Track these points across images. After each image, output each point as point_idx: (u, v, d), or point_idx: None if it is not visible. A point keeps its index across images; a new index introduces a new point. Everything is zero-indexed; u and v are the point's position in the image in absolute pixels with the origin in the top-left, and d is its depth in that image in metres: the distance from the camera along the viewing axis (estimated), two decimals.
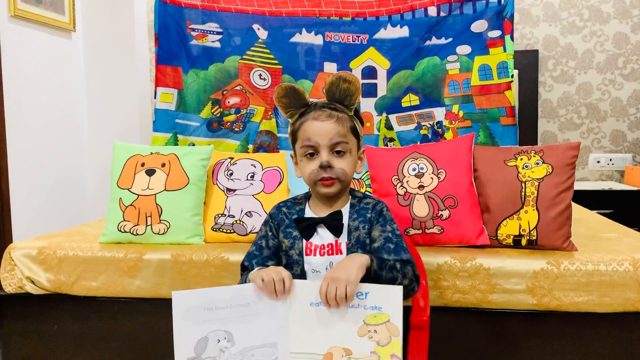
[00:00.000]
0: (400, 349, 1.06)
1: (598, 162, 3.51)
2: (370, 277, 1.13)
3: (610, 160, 3.49)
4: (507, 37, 2.19)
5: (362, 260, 1.13)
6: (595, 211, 2.51)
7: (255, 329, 1.09)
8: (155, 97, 2.36)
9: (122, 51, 3.17)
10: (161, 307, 1.77)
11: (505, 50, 2.19)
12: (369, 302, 1.06)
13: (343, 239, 1.25)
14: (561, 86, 3.51)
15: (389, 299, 1.07)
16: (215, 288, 1.11)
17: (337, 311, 1.08)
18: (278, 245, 1.30)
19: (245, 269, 1.29)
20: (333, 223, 1.25)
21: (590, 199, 2.99)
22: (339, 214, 1.26)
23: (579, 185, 3.12)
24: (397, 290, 1.07)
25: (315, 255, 1.25)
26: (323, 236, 1.26)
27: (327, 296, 1.06)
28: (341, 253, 1.24)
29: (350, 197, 1.31)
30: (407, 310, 1.25)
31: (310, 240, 1.26)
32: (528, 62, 3.45)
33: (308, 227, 1.26)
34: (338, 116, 1.24)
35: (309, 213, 1.30)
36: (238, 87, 2.39)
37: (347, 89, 1.24)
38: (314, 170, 1.22)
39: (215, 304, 1.08)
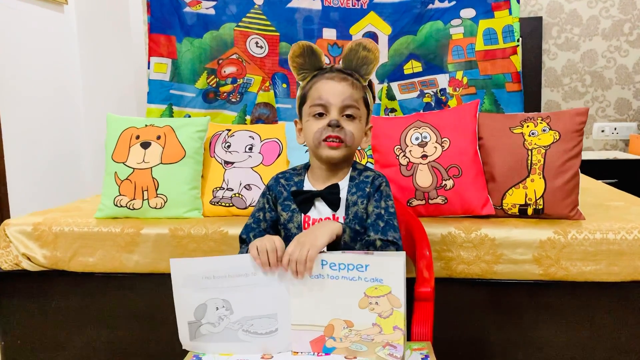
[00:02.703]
0: (402, 321, 1.02)
1: (602, 131, 3.46)
2: (340, 247, 1.11)
3: (615, 129, 3.44)
4: (513, 0, 2.11)
5: (332, 227, 1.10)
6: (600, 181, 2.47)
7: (254, 300, 1.07)
8: (149, 68, 2.29)
9: (116, 23, 3.11)
10: (160, 282, 1.75)
11: (510, 13, 2.11)
12: (369, 274, 1.03)
13: (341, 213, 1.21)
14: (565, 54, 3.43)
15: (389, 270, 1.02)
16: (213, 257, 1.12)
17: (337, 283, 1.05)
18: (276, 217, 1.26)
19: (243, 241, 1.26)
20: (330, 197, 1.20)
21: (594, 169, 2.95)
22: (336, 187, 1.21)
23: (583, 155, 3.08)
24: (398, 262, 1.02)
25: None
26: (321, 210, 1.21)
27: (290, 259, 1.04)
28: None
29: (350, 169, 1.26)
30: (411, 282, 1.22)
31: (308, 214, 1.21)
32: (532, 29, 3.37)
33: (305, 201, 1.21)
34: (353, 81, 1.20)
35: (307, 185, 1.25)
36: (234, 56, 2.31)
37: (366, 57, 1.21)
38: (320, 128, 1.17)
39: (213, 273, 1.07)
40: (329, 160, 1.20)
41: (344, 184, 1.23)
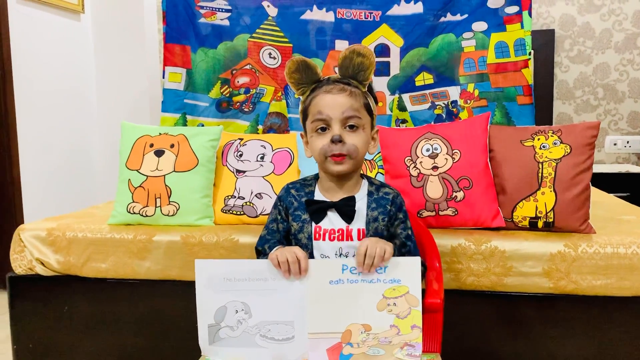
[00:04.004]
0: (420, 319, 1.06)
1: (615, 144, 3.44)
2: None
3: (628, 142, 3.42)
4: (525, 13, 2.12)
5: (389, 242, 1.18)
6: (612, 194, 2.45)
7: (272, 305, 1.10)
8: (163, 77, 2.32)
9: (131, 32, 3.15)
10: (171, 289, 1.77)
11: (522, 26, 2.12)
12: (388, 275, 1.07)
13: (355, 225, 1.21)
14: (578, 67, 3.43)
15: (407, 270, 1.07)
16: (235, 260, 1.17)
17: (356, 287, 1.08)
18: (288, 228, 1.27)
19: (259, 253, 1.28)
20: (345, 209, 1.21)
21: (606, 182, 2.93)
22: (352, 199, 1.22)
23: (594, 168, 3.06)
24: (415, 262, 1.07)
25: (324, 240, 1.21)
26: (333, 221, 1.22)
27: (367, 253, 1.08)
28: (351, 239, 1.21)
29: (366, 182, 1.27)
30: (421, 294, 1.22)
31: (320, 224, 1.22)
32: (544, 42, 3.37)
33: (319, 211, 1.22)
34: (351, 90, 1.20)
35: (318, 195, 1.26)
36: (247, 67, 2.34)
37: (361, 63, 1.19)
38: (324, 145, 1.18)
39: (234, 275, 1.10)
40: (337, 174, 1.21)
41: (360, 197, 1.24)
